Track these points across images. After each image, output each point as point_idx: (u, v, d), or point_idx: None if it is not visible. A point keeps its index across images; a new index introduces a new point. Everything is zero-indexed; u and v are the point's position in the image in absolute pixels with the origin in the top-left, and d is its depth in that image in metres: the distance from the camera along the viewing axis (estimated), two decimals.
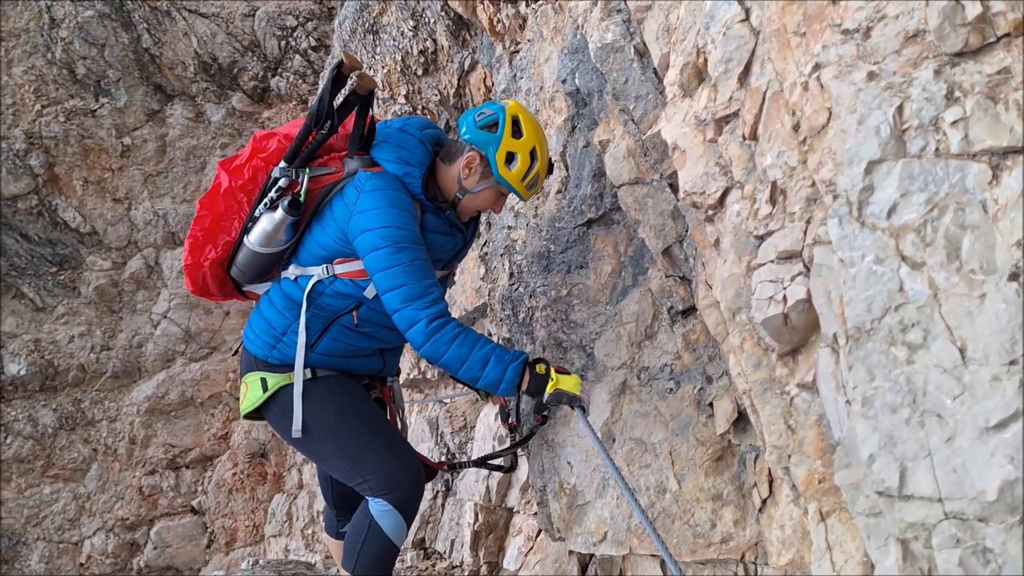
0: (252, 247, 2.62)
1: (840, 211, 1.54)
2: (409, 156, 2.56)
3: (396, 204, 2.46)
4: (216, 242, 2.70)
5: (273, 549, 8.80)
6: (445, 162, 2.66)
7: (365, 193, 2.47)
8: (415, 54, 6.25)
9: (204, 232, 2.69)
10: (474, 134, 2.59)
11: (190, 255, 2.75)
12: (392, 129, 2.62)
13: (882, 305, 1.46)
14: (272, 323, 2.68)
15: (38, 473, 9.25)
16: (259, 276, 2.78)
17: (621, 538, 3.27)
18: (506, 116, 2.58)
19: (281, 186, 2.55)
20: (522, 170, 2.63)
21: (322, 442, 2.68)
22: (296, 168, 2.55)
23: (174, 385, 9.75)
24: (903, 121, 1.49)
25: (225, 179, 2.64)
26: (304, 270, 2.63)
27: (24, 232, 9.42)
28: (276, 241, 2.60)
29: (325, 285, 2.59)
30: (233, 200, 2.63)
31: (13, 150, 9.26)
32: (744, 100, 2.03)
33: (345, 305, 2.63)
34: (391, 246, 2.40)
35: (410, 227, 2.46)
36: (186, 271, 2.81)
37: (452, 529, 5.69)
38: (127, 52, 9.70)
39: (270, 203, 2.56)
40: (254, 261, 2.67)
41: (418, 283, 2.42)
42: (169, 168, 10.05)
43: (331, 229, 2.56)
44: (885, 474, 1.42)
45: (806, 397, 2.05)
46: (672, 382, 3.16)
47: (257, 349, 2.75)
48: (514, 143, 2.60)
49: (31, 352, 9.28)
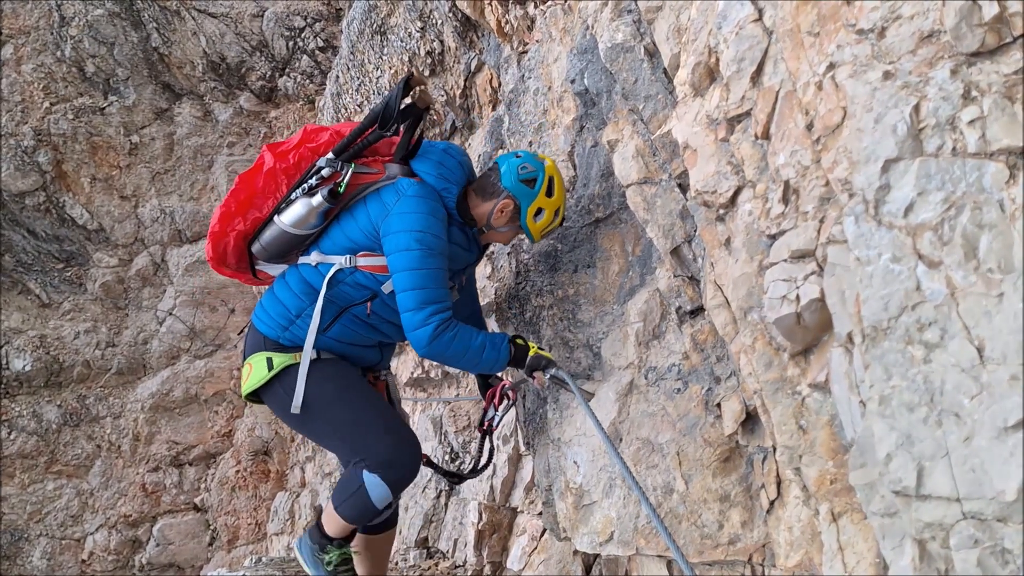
0: (283, 227, 2.76)
1: (856, 209, 1.54)
2: (449, 174, 2.78)
3: (434, 213, 2.66)
4: (247, 216, 2.82)
5: (275, 547, 8.80)
6: (478, 195, 2.89)
7: (407, 197, 2.66)
8: (422, 55, 6.26)
9: (238, 204, 2.81)
10: (514, 185, 2.85)
11: (219, 223, 2.86)
12: (436, 148, 2.84)
13: (899, 304, 1.45)
14: (288, 305, 2.81)
15: (41, 469, 9.26)
16: (278, 256, 2.90)
17: (628, 538, 3.26)
18: (544, 175, 2.88)
19: (323, 175, 2.71)
20: (545, 223, 2.97)
21: (321, 419, 2.79)
22: (343, 162, 2.71)
23: (178, 382, 9.76)
24: (920, 120, 1.48)
25: (270, 160, 2.78)
26: (326, 258, 2.77)
27: (31, 228, 9.45)
28: (307, 225, 2.74)
29: (345, 274, 2.74)
30: (273, 181, 2.77)
31: (22, 147, 9.28)
32: (757, 99, 2.03)
33: (361, 296, 2.77)
34: (422, 250, 2.58)
35: (441, 237, 2.67)
36: (210, 238, 2.90)
37: (455, 528, 5.68)
38: (136, 51, 9.73)
39: (309, 188, 2.72)
40: (280, 240, 2.80)
41: (437, 290, 2.62)
42: (176, 166, 10.08)
43: (363, 223, 2.73)
44: (902, 473, 1.41)
45: (818, 397, 2.05)
46: (680, 382, 3.15)
47: (268, 329, 2.86)
48: (546, 200, 2.91)
49: (36, 348, 9.30)
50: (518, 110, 4.14)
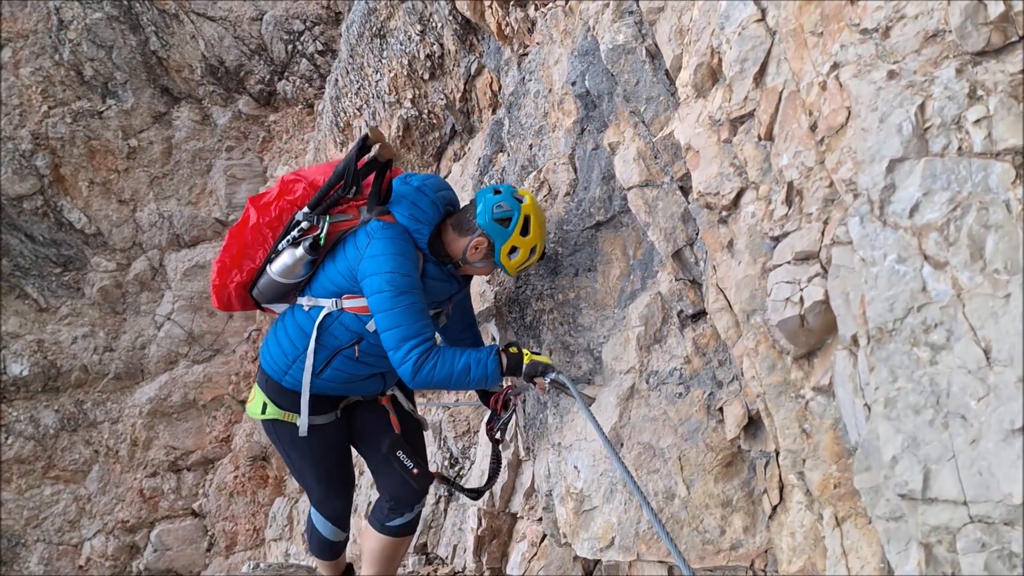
0: (273, 276, 2.95)
1: (861, 210, 1.53)
2: (421, 215, 2.85)
3: (401, 252, 2.76)
4: (241, 268, 3.02)
5: (273, 553, 8.76)
6: (455, 230, 2.96)
7: (375, 240, 2.77)
8: (422, 58, 6.26)
9: (231, 258, 3.01)
10: (488, 225, 2.89)
11: (218, 277, 3.07)
12: (410, 187, 2.91)
13: (904, 305, 1.44)
14: (285, 351, 3.01)
15: (39, 474, 9.23)
16: (277, 299, 3.11)
17: (629, 544, 3.24)
18: (520, 215, 2.90)
19: (303, 228, 2.87)
20: (520, 260, 3.01)
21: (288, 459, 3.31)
22: (318, 215, 2.87)
23: (176, 387, 9.74)
24: (925, 119, 1.47)
25: (253, 215, 2.95)
26: (316, 301, 2.93)
27: (29, 232, 9.43)
28: (294, 274, 2.93)
29: (334, 317, 2.90)
30: (259, 234, 2.95)
31: (19, 150, 9.27)
32: (760, 100, 2.02)
33: (348, 339, 2.93)
34: (393, 290, 2.70)
35: (411, 274, 2.77)
36: (213, 290, 3.13)
37: (454, 534, 5.66)
38: (135, 54, 9.73)
39: (293, 240, 2.88)
40: (273, 287, 3.00)
41: (412, 325, 2.72)
42: (175, 170, 10.07)
43: (342, 267, 2.87)
44: (908, 476, 1.40)
45: (822, 401, 2.03)
46: (681, 386, 3.13)
47: (272, 371, 3.08)
48: (520, 240, 2.94)
49: (34, 352, 9.27)
50: (518, 113, 4.13)
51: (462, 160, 6.41)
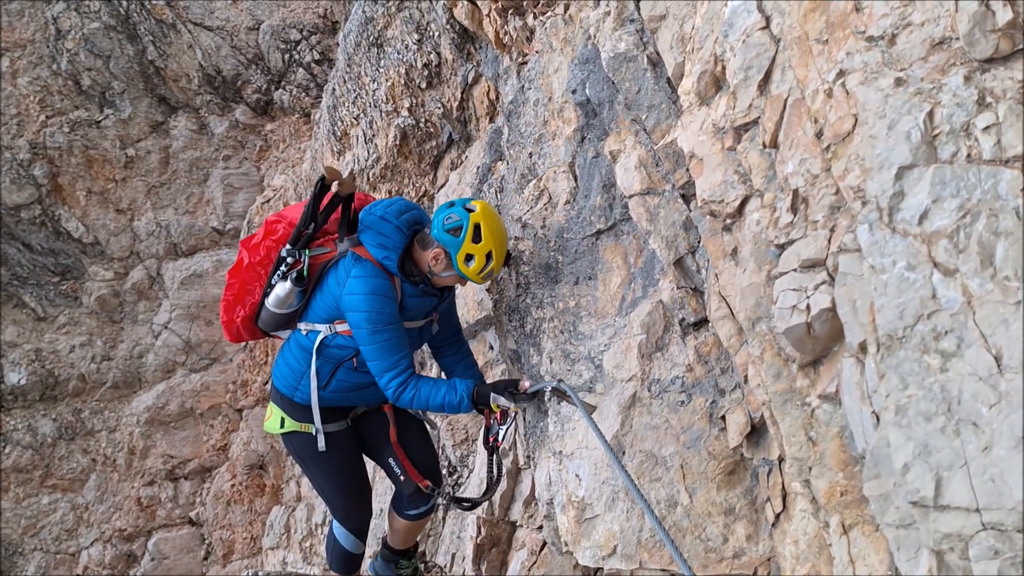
0: (270, 308, 3.26)
1: (870, 217, 1.52)
2: (387, 241, 3.09)
3: (374, 291, 3.04)
4: (244, 303, 3.35)
5: (271, 561, 8.73)
6: (420, 246, 3.19)
7: (352, 279, 3.07)
8: (419, 67, 6.26)
9: (234, 296, 3.37)
10: (440, 236, 3.10)
11: (225, 314, 3.43)
12: (374, 216, 3.14)
13: (914, 312, 1.44)
14: (292, 369, 3.32)
15: (36, 483, 9.19)
16: (280, 327, 3.41)
17: (631, 552, 3.22)
18: (469, 223, 3.06)
19: (288, 263, 3.17)
20: (478, 267, 3.13)
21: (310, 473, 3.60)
22: (298, 249, 3.17)
23: (174, 396, 9.71)
24: (934, 126, 1.47)
25: (246, 256, 3.29)
26: (312, 326, 3.25)
27: (27, 242, 9.40)
28: (288, 304, 3.23)
29: (330, 339, 3.21)
30: (253, 272, 3.28)
31: (17, 160, 9.25)
32: (764, 108, 2.02)
33: (347, 353, 3.22)
34: (370, 328, 3.02)
35: (385, 310, 3.05)
36: (223, 326, 3.50)
37: (453, 543, 5.63)
38: (132, 64, 9.72)
39: (282, 275, 3.18)
40: (273, 317, 3.31)
41: (389, 358, 3.06)
42: (172, 180, 10.06)
43: (328, 299, 3.19)
44: (920, 483, 1.39)
45: (828, 408, 2.03)
46: (684, 395, 3.13)
47: (284, 388, 3.40)
48: (473, 247, 3.08)
49: (32, 361, 9.24)
50: (518, 121, 4.13)
51: (459, 169, 6.41)
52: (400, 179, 7.14)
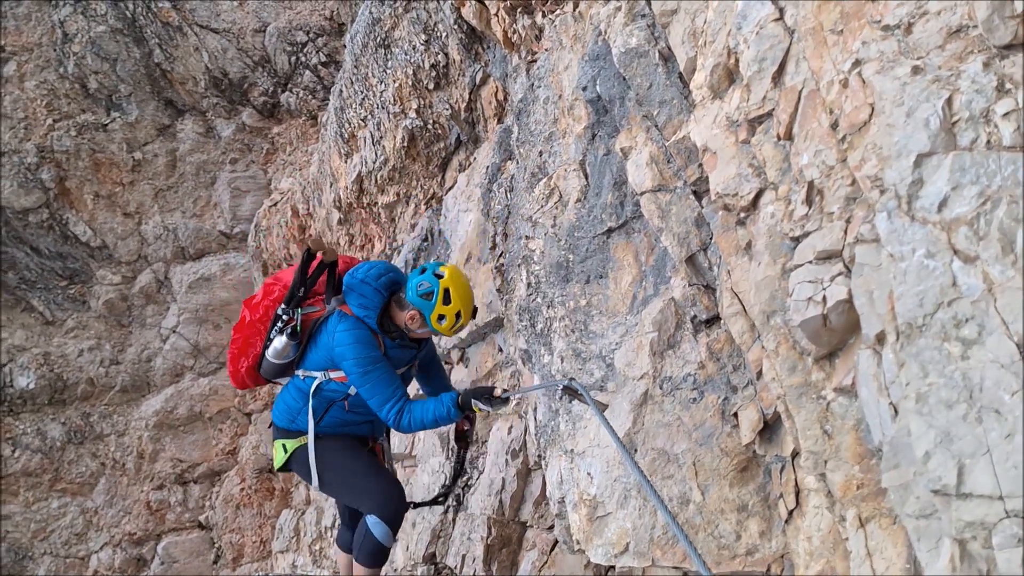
0: (269, 359, 3.69)
1: (888, 205, 1.52)
2: (367, 302, 3.51)
3: (359, 340, 3.46)
4: (247, 355, 3.78)
5: (280, 565, 8.72)
6: (398, 307, 3.57)
7: (339, 333, 3.50)
8: (427, 68, 6.27)
9: (239, 349, 3.79)
10: (414, 300, 3.48)
11: (231, 365, 3.84)
12: (356, 280, 3.55)
13: (934, 300, 1.43)
14: (290, 407, 3.75)
15: (46, 487, 9.21)
16: (279, 375, 3.83)
17: (644, 549, 3.21)
18: (439, 289, 3.45)
19: (283, 320, 3.61)
20: (449, 325, 3.51)
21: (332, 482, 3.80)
22: (292, 308, 3.61)
23: (182, 400, 9.73)
24: (953, 113, 1.46)
25: (248, 314, 3.73)
26: (309, 372, 3.67)
27: (35, 245, 9.44)
28: (285, 356, 3.65)
29: (324, 384, 3.63)
30: (254, 328, 3.73)
31: (25, 164, 9.29)
32: (778, 100, 2.01)
33: (339, 395, 3.65)
34: (360, 370, 3.44)
35: (372, 353, 3.47)
36: (230, 376, 3.92)
37: (463, 544, 5.62)
38: (139, 67, 9.77)
39: (279, 330, 3.62)
40: (272, 367, 3.73)
41: (383, 392, 3.44)
42: (179, 183, 10.09)
43: (322, 351, 3.60)
44: (941, 472, 1.38)
45: (843, 402, 2.01)
46: (696, 392, 3.12)
47: (282, 423, 3.81)
48: (444, 308, 3.46)
49: (40, 365, 9.27)
50: (527, 120, 4.13)
51: (467, 170, 6.41)
52: (408, 181, 7.14)
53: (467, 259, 5.84)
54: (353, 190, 7.64)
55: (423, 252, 6.88)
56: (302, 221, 9.00)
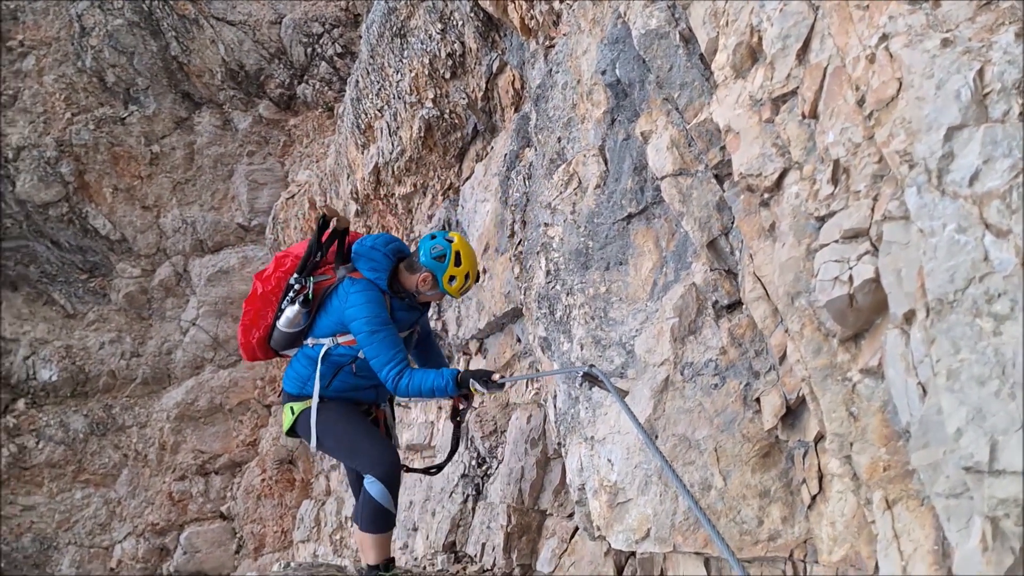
0: (281, 328, 3.90)
1: (918, 180, 1.49)
2: (377, 266, 3.78)
3: (371, 300, 3.68)
4: (259, 326, 3.98)
5: (301, 554, 8.78)
6: (407, 271, 3.85)
7: (352, 294, 3.72)
8: (443, 57, 6.25)
9: (250, 320, 3.99)
10: (428, 262, 3.78)
11: (243, 336, 4.05)
12: (365, 247, 3.86)
13: (965, 275, 1.40)
14: (300, 374, 3.94)
15: (69, 478, 9.32)
16: (289, 346, 4.03)
17: (665, 535, 3.20)
18: (451, 252, 3.78)
19: (295, 289, 3.81)
20: (459, 286, 3.84)
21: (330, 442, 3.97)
22: (304, 277, 3.82)
23: (203, 392, 9.80)
24: (984, 85, 1.43)
25: (259, 286, 3.92)
26: (317, 340, 3.88)
27: (55, 239, 9.53)
28: (296, 324, 3.87)
29: (333, 349, 3.83)
30: (266, 300, 3.92)
31: (44, 158, 9.37)
32: (803, 77, 1.98)
33: (347, 359, 3.83)
34: (369, 329, 3.63)
35: (380, 314, 3.69)
36: (241, 347, 4.13)
37: (483, 532, 5.63)
38: (156, 60, 9.81)
39: (290, 300, 3.83)
40: (284, 337, 3.95)
41: (387, 353, 3.62)
42: (197, 176, 10.14)
43: (332, 316, 3.81)
44: (974, 448, 1.36)
45: (870, 383, 1.99)
46: (717, 377, 3.09)
47: (291, 388, 4.01)
48: (455, 270, 3.79)
49: (62, 358, 9.37)
50: (546, 105, 4.10)
51: (485, 160, 6.39)
52: (425, 172, 7.13)
53: (484, 249, 5.83)
54: (370, 181, 7.64)
55: None
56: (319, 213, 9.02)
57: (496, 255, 5.66)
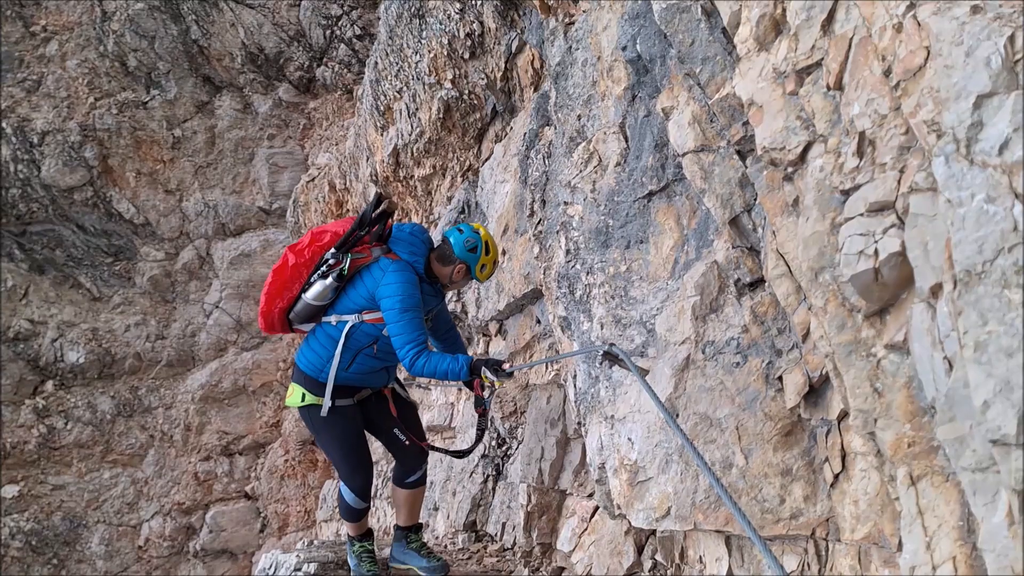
0: (308, 301, 4.02)
1: (946, 149, 1.46)
2: (416, 250, 4.04)
3: (407, 281, 3.87)
4: (283, 297, 4.06)
5: (324, 534, 8.87)
6: (439, 261, 4.12)
7: (389, 272, 3.91)
8: (462, 37, 6.22)
9: (276, 290, 4.05)
10: (463, 254, 4.05)
11: (265, 305, 4.11)
12: (405, 233, 4.11)
13: (994, 246, 1.38)
14: (319, 354, 4.07)
15: (97, 458, 9.48)
16: (307, 320, 4.15)
17: (685, 513, 3.20)
18: (482, 243, 4.07)
19: (329, 263, 3.96)
20: (488, 272, 4.19)
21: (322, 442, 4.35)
22: (343, 252, 3.98)
23: (227, 374, 9.92)
24: (1015, 51, 1.40)
25: (291, 258, 4.00)
26: (341, 317, 4.02)
27: (80, 223, 9.64)
28: (324, 298, 4.01)
29: (356, 327, 3.99)
30: (296, 272, 4.01)
31: (68, 142, 9.46)
32: (828, 48, 1.95)
33: (368, 340, 4.01)
34: (400, 308, 3.81)
35: (413, 295, 3.88)
36: (261, 315, 4.20)
37: (503, 512, 5.66)
38: (176, 44, 9.86)
39: (322, 273, 3.96)
40: (307, 310, 4.06)
41: (410, 334, 3.80)
42: (219, 159, 10.21)
43: (362, 291, 3.97)
44: (1001, 421, 1.34)
45: (894, 359, 1.97)
46: (739, 356, 3.07)
47: (308, 370, 4.12)
48: (485, 258, 4.11)
49: (89, 341, 9.50)
50: (566, 83, 4.08)
51: (504, 141, 6.37)
52: (444, 153, 7.12)
53: (504, 231, 5.83)
54: (389, 163, 7.64)
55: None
56: (339, 196, 9.05)
57: (516, 236, 5.65)
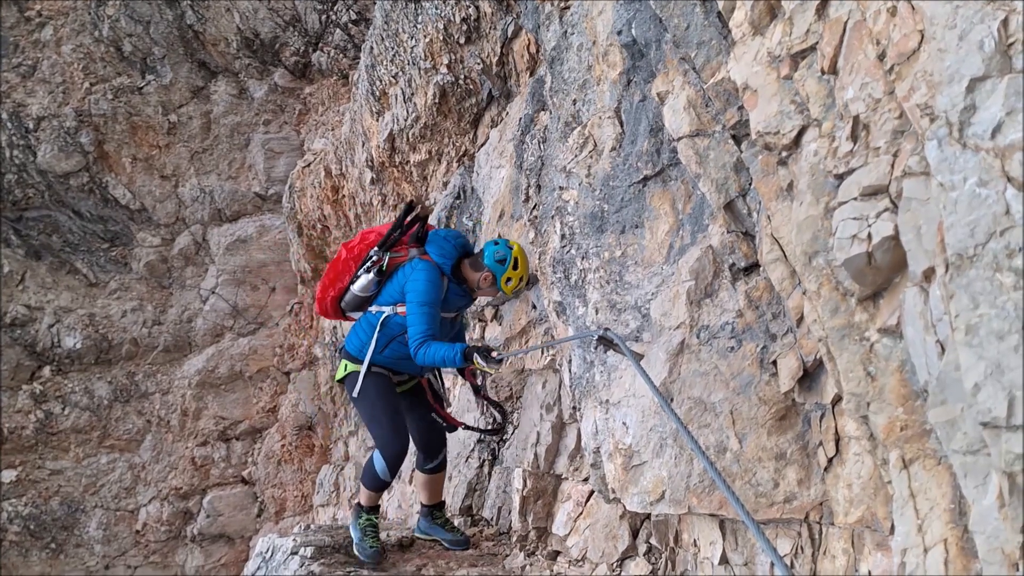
0: (354, 292, 4.56)
1: (939, 133, 1.46)
2: (447, 254, 4.37)
3: (431, 280, 4.23)
4: (336, 287, 4.63)
5: (321, 518, 8.91)
6: (471, 267, 4.46)
7: (417, 271, 4.28)
8: (457, 22, 6.20)
9: (330, 281, 4.65)
10: (492, 264, 4.36)
11: (321, 292, 4.71)
12: (439, 237, 4.46)
13: (986, 229, 1.38)
14: (361, 338, 4.52)
15: (95, 443, 9.51)
16: (356, 308, 4.68)
17: (680, 497, 3.21)
18: (511, 257, 4.35)
19: (373, 260, 4.47)
20: (513, 287, 4.44)
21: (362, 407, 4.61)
22: (383, 252, 4.46)
23: (223, 359, 9.93)
24: (1009, 35, 1.40)
25: (344, 253, 4.58)
26: (381, 308, 4.47)
27: (76, 209, 9.61)
28: (367, 290, 4.53)
29: (391, 317, 4.41)
30: (347, 265, 4.57)
31: (64, 128, 9.42)
32: (823, 32, 1.94)
33: (400, 330, 4.37)
34: (419, 299, 4.18)
35: (433, 294, 4.23)
36: (318, 302, 4.83)
37: (499, 496, 5.69)
38: (171, 29, 9.80)
39: (367, 268, 4.49)
40: (354, 300, 4.61)
41: (421, 325, 4.13)
42: (214, 145, 10.17)
43: (396, 287, 4.40)
44: (992, 403, 1.35)
45: (887, 343, 1.98)
46: (733, 340, 3.08)
47: (354, 351, 4.57)
48: (513, 273, 4.38)
49: (86, 326, 9.50)
50: (561, 68, 4.06)
51: (500, 126, 6.36)
52: (440, 138, 7.11)
53: (500, 216, 5.82)
54: (385, 149, 7.62)
55: (455, 210, 6.87)
56: (335, 182, 9.04)
57: (512, 221, 5.65)
